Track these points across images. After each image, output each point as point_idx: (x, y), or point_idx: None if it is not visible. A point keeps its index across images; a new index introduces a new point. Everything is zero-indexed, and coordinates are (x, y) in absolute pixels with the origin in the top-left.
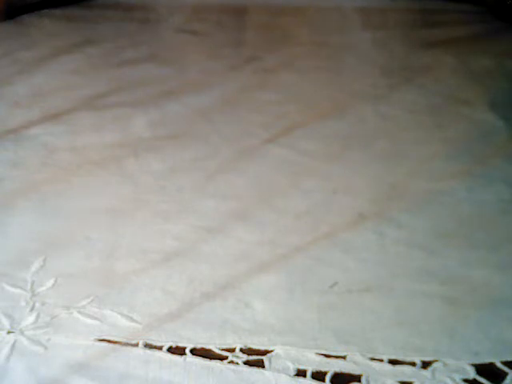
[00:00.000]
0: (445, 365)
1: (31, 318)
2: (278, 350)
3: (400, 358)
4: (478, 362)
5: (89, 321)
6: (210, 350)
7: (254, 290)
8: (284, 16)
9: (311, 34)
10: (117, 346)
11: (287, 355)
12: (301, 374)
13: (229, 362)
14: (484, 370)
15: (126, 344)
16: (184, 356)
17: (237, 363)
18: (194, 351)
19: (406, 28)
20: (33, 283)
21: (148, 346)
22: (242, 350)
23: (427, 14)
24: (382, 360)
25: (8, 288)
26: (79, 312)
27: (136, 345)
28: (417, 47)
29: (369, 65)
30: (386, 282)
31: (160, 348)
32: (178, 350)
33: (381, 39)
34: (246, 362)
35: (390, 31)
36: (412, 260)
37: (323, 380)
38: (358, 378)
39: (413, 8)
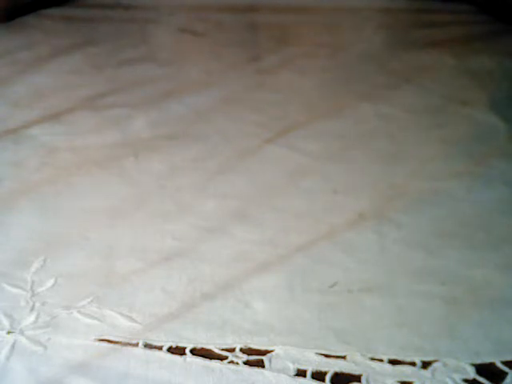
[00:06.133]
0: (445, 365)
1: (31, 318)
2: (278, 350)
3: (400, 357)
4: (478, 361)
5: (89, 321)
6: (210, 350)
7: (254, 290)
8: (284, 16)
9: (311, 34)
10: (117, 346)
11: (287, 355)
12: (301, 374)
13: (229, 362)
14: (484, 369)
15: (126, 344)
16: (184, 356)
17: (237, 363)
18: (194, 351)
19: (406, 28)
20: (33, 283)
21: (148, 346)
22: (242, 349)
23: (427, 14)
24: (382, 360)
25: (8, 288)
26: (79, 312)
27: (136, 345)
28: (417, 47)
29: (369, 65)
30: (386, 282)
31: (160, 348)
32: (177, 350)
33: (381, 39)
34: (246, 362)
35: (390, 31)
36: (412, 260)
37: (323, 380)
38: (358, 378)
39: (413, 8)
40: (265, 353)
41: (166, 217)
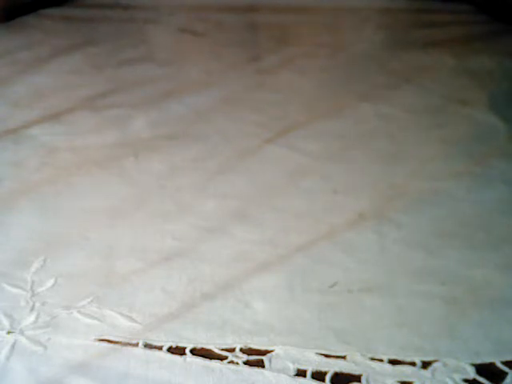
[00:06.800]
0: (445, 365)
1: (31, 318)
2: (278, 350)
3: (400, 357)
4: (478, 361)
5: (89, 321)
6: (210, 350)
7: (254, 290)
8: (284, 16)
9: (311, 34)
10: (117, 346)
11: (287, 355)
12: (301, 374)
13: (229, 362)
14: (484, 369)
15: (126, 344)
16: (184, 356)
17: (237, 363)
18: (194, 351)
19: (406, 28)
20: (33, 283)
21: (148, 346)
22: (242, 349)
23: (427, 14)
24: (382, 360)
25: (8, 288)
26: (79, 312)
27: (136, 345)
28: (417, 47)
29: (368, 65)
30: (386, 282)
31: (160, 348)
32: (177, 350)
33: (381, 39)
34: (246, 362)
35: (390, 31)
36: (412, 260)
37: (323, 380)
38: (358, 378)
39: (413, 8)
40: (265, 353)
41: (166, 217)
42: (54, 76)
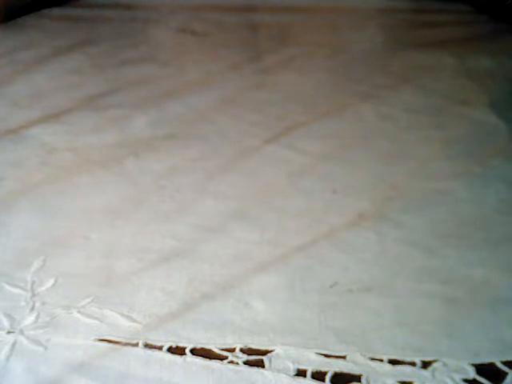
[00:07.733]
0: (445, 365)
1: (31, 318)
2: (278, 349)
3: (400, 358)
4: (478, 361)
5: (89, 321)
6: (210, 350)
7: (253, 290)
8: (284, 16)
9: (311, 34)
10: (117, 346)
11: (287, 355)
12: (301, 374)
13: (229, 362)
14: (484, 369)
15: (126, 344)
16: (184, 356)
17: (237, 363)
18: (194, 351)
19: (406, 28)
20: (33, 283)
21: (148, 346)
22: (242, 349)
23: (427, 14)
24: (382, 360)
25: (8, 288)
26: (79, 312)
27: (136, 345)
28: (417, 47)
29: (368, 65)
30: (386, 282)
31: (160, 348)
32: (178, 350)
33: (381, 39)
34: (246, 362)
35: (390, 31)
36: (412, 260)
37: (323, 380)
38: (358, 378)
39: (413, 8)
40: (265, 353)
41: (166, 217)
42: (54, 76)
